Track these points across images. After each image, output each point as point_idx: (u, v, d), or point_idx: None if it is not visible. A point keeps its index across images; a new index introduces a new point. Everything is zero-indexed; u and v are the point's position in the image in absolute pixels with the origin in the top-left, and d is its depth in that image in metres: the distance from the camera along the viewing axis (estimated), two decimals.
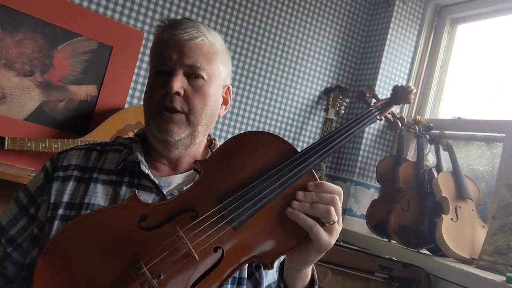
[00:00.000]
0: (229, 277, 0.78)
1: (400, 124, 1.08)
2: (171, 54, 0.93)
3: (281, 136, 0.88)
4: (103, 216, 0.78)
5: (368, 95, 1.11)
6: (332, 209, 0.80)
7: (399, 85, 1.11)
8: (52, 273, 0.74)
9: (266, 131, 0.88)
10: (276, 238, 0.81)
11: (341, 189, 0.83)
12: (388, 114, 1.08)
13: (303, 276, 0.90)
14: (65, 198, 0.93)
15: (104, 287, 0.74)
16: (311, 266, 0.89)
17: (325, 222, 0.80)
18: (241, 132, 0.89)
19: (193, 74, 0.95)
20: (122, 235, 0.77)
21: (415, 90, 1.15)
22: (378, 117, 1.03)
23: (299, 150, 0.86)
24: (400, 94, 1.10)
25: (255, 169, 0.83)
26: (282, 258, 0.95)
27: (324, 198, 0.81)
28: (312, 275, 0.93)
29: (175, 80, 0.92)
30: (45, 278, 0.73)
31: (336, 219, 0.80)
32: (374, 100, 1.11)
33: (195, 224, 0.78)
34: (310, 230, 0.79)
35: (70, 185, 0.95)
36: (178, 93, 0.93)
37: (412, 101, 1.16)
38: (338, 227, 0.82)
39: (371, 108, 1.02)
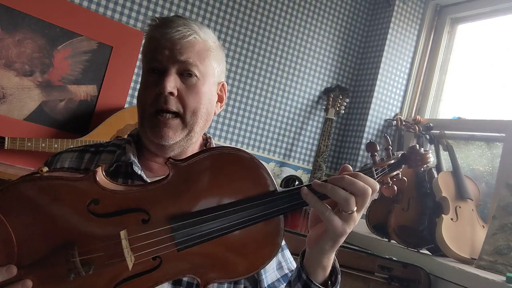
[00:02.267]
0: (161, 283, 0.76)
1: (396, 190, 0.91)
2: (163, 52, 0.92)
3: (266, 167, 0.79)
4: (58, 183, 0.74)
5: (378, 149, 0.93)
6: (353, 199, 0.75)
7: (417, 147, 0.95)
8: None
9: (254, 156, 0.79)
10: (219, 265, 0.78)
11: (376, 185, 0.78)
12: (390, 177, 0.92)
13: (324, 265, 0.84)
14: None
15: (30, 259, 0.72)
16: (333, 256, 0.84)
17: (342, 210, 0.76)
18: (233, 146, 0.85)
19: (186, 72, 0.94)
20: (68, 211, 0.74)
21: (432, 160, 0.97)
22: (376, 179, 0.87)
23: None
24: (413, 159, 0.94)
25: (223, 196, 0.77)
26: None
27: (354, 185, 0.75)
28: (334, 266, 0.87)
29: (168, 80, 0.91)
30: None
31: (354, 209, 0.76)
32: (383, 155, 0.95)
33: (141, 236, 0.74)
34: (322, 214, 0.76)
35: None
36: (171, 93, 0.92)
37: (423, 170, 0.99)
38: (357, 217, 0.78)
39: (371, 168, 0.89)
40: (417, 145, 0.95)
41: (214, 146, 1.07)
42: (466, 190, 2.15)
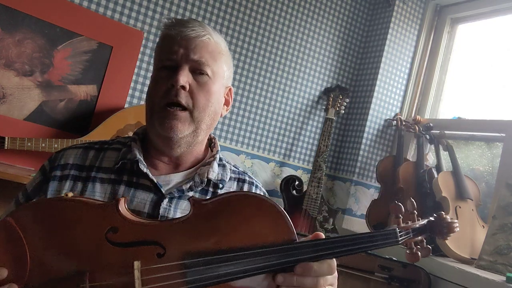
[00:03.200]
0: None
1: (420, 257, 0.87)
2: (178, 49, 0.95)
3: (286, 214, 0.78)
4: (79, 207, 0.76)
5: (403, 210, 0.88)
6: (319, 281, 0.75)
7: (444, 216, 0.90)
8: (7, 240, 0.72)
9: (277, 205, 0.78)
10: None
11: (330, 266, 0.78)
12: (414, 242, 0.88)
13: None
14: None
15: (44, 278, 0.72)
16: None
17: None
18: (249, 192, 0.83)
19: (198, 70, 0.96)
20: (86, 235, 0.74)
21: (458, 230, 0.91)
22: (400, 243, 0.85)
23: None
24: (439, 227, 0.89)
25: (243, 240, 0.76)
26: None
27: (305, 283, 0.75)
28: None
29: (181, 74, 0.93)
30: None
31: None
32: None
33: (154, 268, 0.74)
34: None
35: (67, 185, 0.94)
36: (183, 87, 0.93)
37: (447, 239, 0.95)
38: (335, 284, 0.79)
39: (396, 229, 0.85)
40: (443, 213, 0.91)
41: (219, 147, 1.08)
42: (466, 190, 2.16)
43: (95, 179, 0.95)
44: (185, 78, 0.93)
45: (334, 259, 0.78)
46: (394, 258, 2.02)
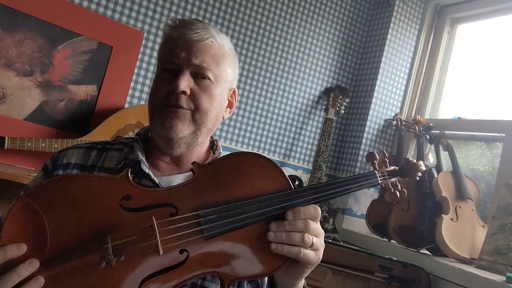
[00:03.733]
0: (186, 281, 0.78)
1: (398, 196, 1.04)
2: (180, 53, 0.94)
3: (281, 169, 0.89)
4: (92, 181, 0.80)
5: (378, 158, 1.06)
6: (306, 235, 0.81)
7: (411, 159, 1.08)
8: (26, 217, 0.74)
9: (272, 161, 0.88)
10: (242, 262, 0.81)
11: (316, 208, 0.84)
12: (390, 183, 1.04)
13: (298, 286, 0.91)
14: None
15: (65, 248, 0.75)
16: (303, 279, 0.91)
17: (305, 247, 0.81)
18: (244, 151, 0.88)
19: (199, 75, 0.95)
20: (102, 205, 0.78)
21: (424, 169, 1.10)
22: (380, 182, 1.01)
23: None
24: (408, 169, 1.06)
25: (245, 191, 0.83)
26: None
27: (296, 226, 0.82)
28: (304, 286, 0.95)
29: (182, 79, 0.93)
30: (17, 220, 0.74)
31: (313, 240, 0.82)
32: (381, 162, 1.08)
33: (171, 220, 0.79)
34: (296, 257, 0.81)
35: None
36: (184, 92, 0.93)
37: (418, 178, 1.11)
38: (320, 240, 0.84)
39: (375, 172, 1.01)
40: (410, 157, 1.08)
41: (221, 149, 1.08)
42: (466, 190, 2.16)
43: None
44: (185, 83, 0.93)
45: (317, 206, 0.85)
46: (394, 258, 2.02)
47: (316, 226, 0.83)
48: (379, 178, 1.00)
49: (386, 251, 2.19)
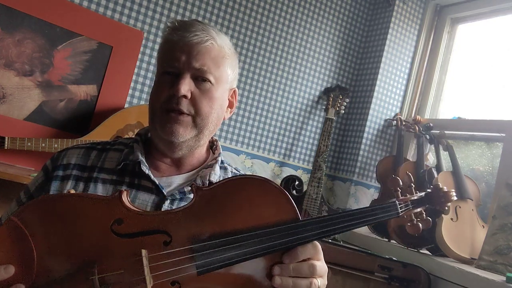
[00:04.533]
0: None
1: (420, 228, 0.90)
2: (180, 56, 0.93)
3: (289, 196, 0.79)
4: (82, 202, 0.76)
5: (401, 184, 0.92)
6: (314, 281, 0.77)
7: (441, 186, 0.94)
8: (12, 239, 0.72)
9: (277, 185, 0.79)
10: None
11: (315, 246, 0.78)
12: (413, 214, 0.92)
13: None
14: None
15: (51, 275, 0.72)
16: None
17: None
18: (255, 175, 0.82)
19: (200, 78, 0.95)
20: (91, 229, 0.74)
21: (455, 199, 0.96)
22: (401, 215, 0.88)
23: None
24: (437, 198, 0.93)
25: (247, 221, 0.76)
26: None
27: (302, 271, 0.77)
28: None
29: (183, 83, 0.92)
30: (4, 242, 0.71)
31: (319, 283, 0.78)
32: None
33: (163, 255, 0.74)
34: None
35: (69, 185, 0.94)
36: (185, 96, 0.92)
37: (448, 212, 0.98)
38: (324, 280, 0.80)
39: (396, 202, 0.88)
40: (439, 184, 0.95)
41: (221, 149, 1.08)
42: (466, 190, 2.15)
43: (97, 180, 0.95)
44: (186, 87, 0.92)
45: (316, 242, 0.79)
46: (394, 258, 2.02)
47: (321, 265, 0.78)
48: (399, 210, 0.88)
49: (386, 251, 2.19)
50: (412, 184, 0.93)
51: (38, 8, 2.04)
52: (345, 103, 2.70)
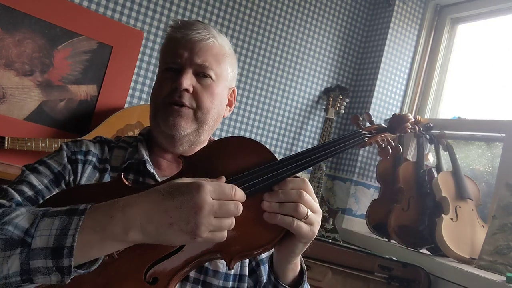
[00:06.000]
0: (187, 267, 0.79)
1: (390, 151, 1.01)
2: (182, 53, 0.97)
3: (262, 144, 0.89)
4: (90, 188, 0.83)
5: (361, 119, 1.06)
6: (300, 205, 0.79)
7: (397, 113, 1.05)
8: None
9: (251, 139, 0.89)
10: (241, 237, 0.79)
11: (303, 179, 0.83)
12: (379, 139, 1.03)
13: (293, 266, 0.90)
14: (83, 180, 0.95)
15: None
16: (299, 256, 0.90)
17: (299, 218, 0.80)
18: (233, 135, 0.90)
19: (201, 73, 0.98)
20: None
21: (413, 120, 1.10)
22: (366, 140, 1.00)
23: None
24: (396, 122, 1.05)
25: (231, 170, 0.83)
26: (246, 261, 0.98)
27: (289, 195, 0.80)
28: (301, 265, 0.94)
29: (185, 77, 0.95)
30: None
31: (308, 212, 0.80)
32: (368, 124, 1.08)
33: None
34: (289, 227, 0.80)
35: (89, 170, 0.96)
36: (187, 90, 0.96)
37: (409, 131, 1.09)
38: (316, 216, 0.82)
39: (360, 130, 1.00)
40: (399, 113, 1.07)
41: None
42: (466, 190, 2.16)
43: (108, 173, 0.98)
44: (188, 81, 0.96)
45: (305, 178, 0.85)
46: (394, 258, 2.02)
47: (310, 199, 0.81)
48: (363, 136, 0.99)
49: (386, 251, 2.19)
50: (372, 119, 1.08)
51: (38, 8, 2.04)
52: (345, 103, 2.70)
